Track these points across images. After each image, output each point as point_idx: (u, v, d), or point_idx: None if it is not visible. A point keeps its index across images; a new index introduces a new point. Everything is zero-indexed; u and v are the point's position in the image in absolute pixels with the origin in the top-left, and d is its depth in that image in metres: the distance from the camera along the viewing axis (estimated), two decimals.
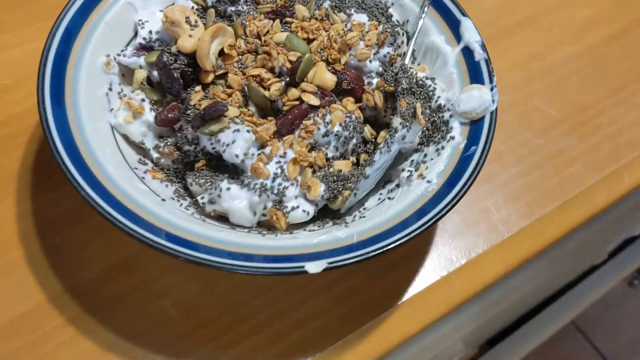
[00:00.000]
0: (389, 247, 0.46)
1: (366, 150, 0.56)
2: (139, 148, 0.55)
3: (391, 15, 0.61)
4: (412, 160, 0.55)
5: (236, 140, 0.51)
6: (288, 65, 0.54)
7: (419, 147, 0.55)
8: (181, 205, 0.51)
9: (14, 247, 0.55)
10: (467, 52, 0.57)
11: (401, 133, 0.52)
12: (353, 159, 0.54)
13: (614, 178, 0.65)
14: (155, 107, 0.56)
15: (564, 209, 0.62)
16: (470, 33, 0.57)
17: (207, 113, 0.51)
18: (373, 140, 0.56)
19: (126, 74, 0.58)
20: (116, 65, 0.57)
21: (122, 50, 0.57)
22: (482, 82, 0.55)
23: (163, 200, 0.50)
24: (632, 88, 0.72)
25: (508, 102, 0.69)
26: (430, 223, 0.47)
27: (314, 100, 0.53)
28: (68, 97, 0.51)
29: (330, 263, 0.45)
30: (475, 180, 0.50)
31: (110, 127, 0.54)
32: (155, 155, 0.55)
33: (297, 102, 0.53)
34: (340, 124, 0.52)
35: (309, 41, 0.56)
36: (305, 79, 0.54)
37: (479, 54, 0.56)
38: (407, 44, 0.59)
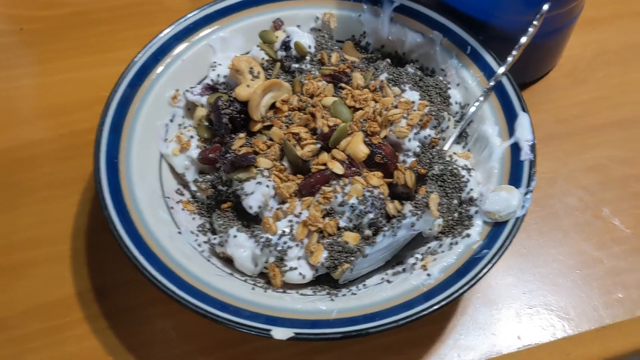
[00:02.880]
0: (359, 333, 0.45)
1: (403, 216, 0.55)
2: (181, 179, 0.60)
3: (449, 97, 0.60)
4: (429, 247, 0.53)
5: (255, 192, 0.53)
6: (326, 129, 0.55)
7: (440, 235, 0.54)
8: (196, 240, 0.55)
9: (64, 241, 0.62)
10: (515, 149, 0.54)
11: (410, 220, 0.51)
12: (369, 232, 0.54)
13: None
14: (204, 144, 0.60)
15: None
16: (523, 130, 0.55)
17: (237, 161, 0.54)
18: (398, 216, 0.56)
19: (192, 108, 0.63)
20: (183, 100, 0.62)
21: (191, 87, 0.62)
22: (518, 184, 0.52)
23: (179, 232, 0.54)
24: None
25: (573, 204, 0.64)
26: (409, 319, 0.46)
27: (338, 169, 0.53)
28: (127, 123, 0.57)
29: (297, 334, 0.45)
30: (475, 284, 0.47)
31: (159, 155, 0.59)
32: (193, 188, 0.59)
33: (323, 167, 0.54)
34: (357, 197, 0.52)
35: (356, 110, 0.57)
36: (337, 146, 0.55)
37: (525, 154, 0.53)
38: (454, 130, 0.58)
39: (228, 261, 0.54)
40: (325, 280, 0.54)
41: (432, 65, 0.63)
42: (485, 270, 0.48)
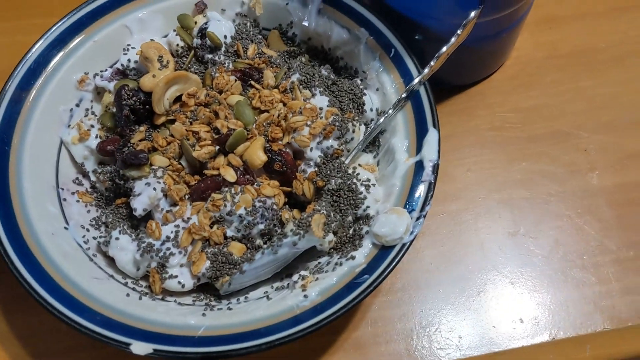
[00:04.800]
0: (219, 355, 0.44)
1: (284, 235, 0.53)
2: (81, 168, 0.58)
3: (364, 104, 0.56)
4: (319, 262, 0.52)
5: (142, 193, 0.51)
6: (224, 131, 0.53)
7: (332, 251, 0.52)
8: (84, 236, 0.53)
9: None
10: (419, 167, 0.52)
11: (291, 239, 0.49)
12: (260, 242, 0.52)
13: None
14: (106, 134, 0.58)
15: None
16: (430, 148, 0.52)
17: (127, 158, 0.52)
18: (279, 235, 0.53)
19: (101, 93, 0.60)
20: (92, 84, 0.59)
21: (102, 71, 0.60)
22: (413, 207, 0.50)
23: (66, 228, 0.53)
24: None
25: (487, 221, 0.61)
26: (270, 345, 0.44)
27: (230, 176, 0.51)
28: (26, 106, 0.55)
29: (156, 350, 0.44)
30: (346, 312, 0.46)
31: (59, 141, 0.57)
32: (92, 178, 0.57)
33: (217, 172, 0.52)
34: (245, 208, 0.50)
35: (261, 112, 0.55)
36: (235, 151, 0.52)
37: (426, 175, 0.51)
38: (361, 140, 0.55)
39: (113, 261, 0.53)
40: (209, 289, 0.52)
41: (356, 65, 0.60)
42: (360, 298, 0.46)
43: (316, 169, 0.53)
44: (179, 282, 0.50)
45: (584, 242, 0.60)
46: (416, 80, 0.54)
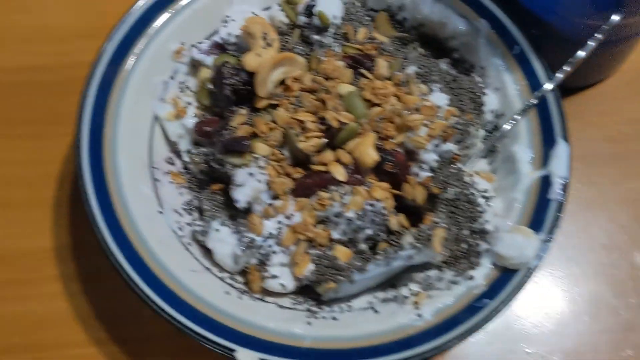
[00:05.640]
0: None
1: (388, 240, 0.50)
2: (174, 146, 0.54)
3: (482, 104, 0.52)
4: (428, 276, 0.48)
5: (245, 185, 0.48)
6: (335, 124, 0.49)
7: (442, 264, 0.48)
8: (178, 222, 0.50)
9: (48, 186, 0.58)
10: (545, 183, 0.48)
11: (408, 253, 0.45)
12: (364, 247, 0.49)
13: None
14: (202, 113, 0.54)
15: None
16: (559, 163, 0.48)
17: (228, 144, 0.49)
18: (402, 232, 0.50)
19: (197, 66, 0.56)
20: (188, 55, 0.55)
21: (199, 42, 0.56)
22: (539, 228, 0.46)
23: (160, 212, 0.50)
24: None
25: (600, 240, 0.57)
26: None
27: (340, 174, 0.48)
28: (120, 77, 0.51)
29: None
30: (467, 338, 0.43)
31: (152, 116, 0.54)
32: (186, 159, 0.54)
33: (324, 168, 0.48)
34: (355, 212, 0.47)
35: (373, 105, 0.50)
36: (344, 146, 0.49)
37: (555, 193, 0.47)
38: (482, 146, 0.51)
39: (208, 250, 0.50)
40: (308, 292, 0.49)
41: (473, 60, 0.55)
42: (482, 324, 0.43)
43: (431, 173, 0.49)
44: (281, 284, 0.47)
45: None
46: (549, 87, 0.49)
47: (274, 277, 0.47)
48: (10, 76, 0.63)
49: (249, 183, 0.48)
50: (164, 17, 0.54)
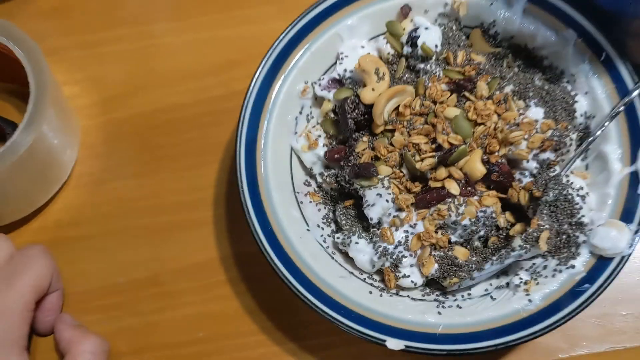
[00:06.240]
0: (462, 353, 0.53)
1: (497, 235, 0.59)
2: (308, 170, 0.66)
3: (575, 111, 0.59)
4: (534, 264, 0.57)
5: (376, 204, 0.59)
6: (446, 145, 0.58)
7: (546, 253, 0.57)
8: (322, 235, 0.62)
9: (206, 208, 0.72)
10: (634, 179, 0.55)
11: (519, 253, 0.55)
12: (478, 243, 0.59)
13: None
14: (329, 141, 0.65)
15: None
16: None
17: (360, 171, 0.59)
18: (508, 227, 0.59)
19: (318, 99, 0.66)
20: (311, 92, 0.66)
21: (319, 79, 0.66)
22: (630, 219, 0.54)
23: (308, 230, 0.61)
24: None
25: None
26: (506, 345, 0.52)
27: (455, 189, 0.57)
28: (263, 120, 0.62)
29: (407, 347, 0.53)
30: (571, 318, 0.52)
31: (290, 148, 0.65)
32: (319, 180, 0.65)
33: (440, 184, 0.58)
34: (470, 219, 0.56)
35: (477, 124, 0.59)
36: (455, 164, 0.58)
37: None
38: (576, 150, 0.58)
39: (348, 257, 0.61)
40: (433, 283, 0.60)
41: (563, 67, 0.62)
42: (584, 305, 0.52)
43: (532, 179, 0.58)
44: (412, 281, 0.58)
45: None
46: (635, 93, 0.56)
47: (406, 276, 0.58)
48: (164, 115, 0.76)
49: (379, 203, 0.58)
50: (290, 61, 0.64)
